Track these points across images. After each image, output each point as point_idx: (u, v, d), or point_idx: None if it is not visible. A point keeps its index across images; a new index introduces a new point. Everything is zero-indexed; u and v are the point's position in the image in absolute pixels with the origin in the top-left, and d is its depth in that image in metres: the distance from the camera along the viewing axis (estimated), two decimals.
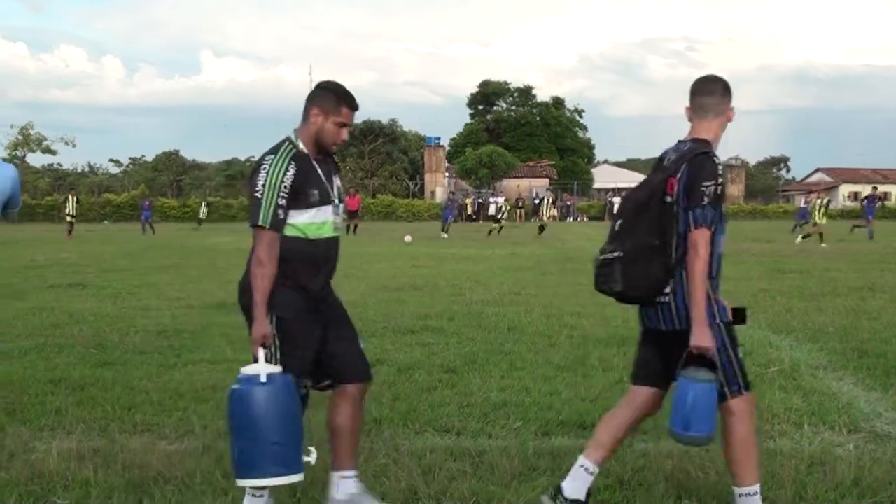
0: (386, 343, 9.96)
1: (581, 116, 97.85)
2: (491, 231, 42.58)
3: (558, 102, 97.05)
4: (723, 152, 4.76)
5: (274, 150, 4.53)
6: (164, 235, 42.15)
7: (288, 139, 4.60)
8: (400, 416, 6.75)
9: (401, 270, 20.49)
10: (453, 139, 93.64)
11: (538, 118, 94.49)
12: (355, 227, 43.60)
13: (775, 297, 14.41)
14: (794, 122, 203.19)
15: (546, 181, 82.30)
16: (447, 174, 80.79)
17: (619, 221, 4.59)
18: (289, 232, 4.50)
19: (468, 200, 74.79)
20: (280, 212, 4.43)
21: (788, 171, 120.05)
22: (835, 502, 4.96)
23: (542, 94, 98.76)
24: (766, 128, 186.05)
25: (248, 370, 4.33)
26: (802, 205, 45.03)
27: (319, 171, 4.60)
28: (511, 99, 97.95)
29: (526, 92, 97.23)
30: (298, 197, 4.49)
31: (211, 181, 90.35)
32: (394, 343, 9.98)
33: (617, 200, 76.40)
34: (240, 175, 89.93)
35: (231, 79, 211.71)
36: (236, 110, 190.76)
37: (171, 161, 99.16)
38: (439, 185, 79.94)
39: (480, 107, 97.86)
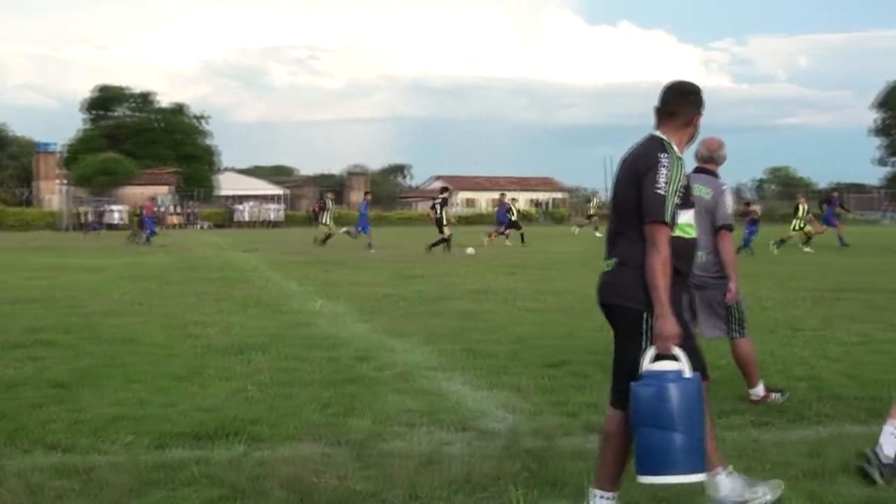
0: None
1: (206, 123, 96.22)
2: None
3: (180, 109, 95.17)
4: (344, 160, 4.91)
5: (663, 149, 4.42)
6: None
7: (663, 139, 4.49)
8: (5, 436, 6.36)
9: (14, 282, 19.27)
10: (70, 145, 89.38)
11: (160, 124, 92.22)
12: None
13: (398, 301, 14.86)
14: (415, 131, 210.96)
15: (168, 188, 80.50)
16: (61, 181, 77.04)
17: None
18: (675, 231, 4.44)
19: (83, 209, 72.11)
20: (676, 210, 4.42)
21: (410, 178, 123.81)
22: (447, 499, 5.14)
23: (166, 100, 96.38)
24: (387, 136, 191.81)
25: (657, 367, 4.30)
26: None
27: None
28: (131, 104, 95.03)
29: (146, 97, 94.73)
30: (684, 197, 4.49)
31: None
32: (1, 359, 9.38)
33: (239, 208, 76.17)
34: None
35: None
36: None
37: None
38: (52, 193, 76.23)
39: (98, 112, 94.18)
